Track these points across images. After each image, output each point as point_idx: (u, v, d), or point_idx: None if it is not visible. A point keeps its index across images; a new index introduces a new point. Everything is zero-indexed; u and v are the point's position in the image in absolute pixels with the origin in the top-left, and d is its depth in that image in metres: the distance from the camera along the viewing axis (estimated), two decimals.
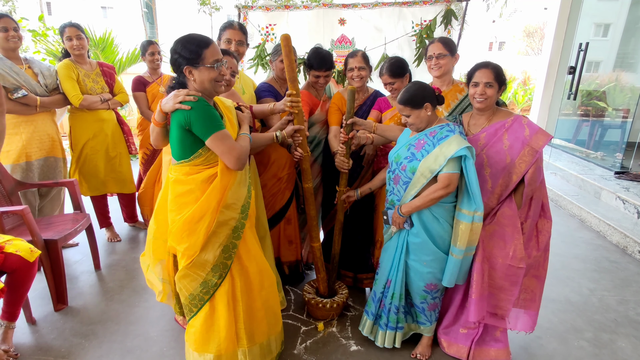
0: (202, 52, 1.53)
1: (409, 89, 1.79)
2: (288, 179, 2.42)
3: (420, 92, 1.76)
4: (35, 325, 2.23)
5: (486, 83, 1.75)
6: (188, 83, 1.59)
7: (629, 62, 5.18)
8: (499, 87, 1.77)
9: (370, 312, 2.08)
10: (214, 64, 1.56)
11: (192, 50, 1.53)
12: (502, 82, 1.78)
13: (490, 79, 1.74)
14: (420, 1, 3.07)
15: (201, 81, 1.56)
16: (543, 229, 1.89)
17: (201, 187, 1.60)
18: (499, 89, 1.78)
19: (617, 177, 4.49)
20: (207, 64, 1.54)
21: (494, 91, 1.76)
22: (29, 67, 2.70)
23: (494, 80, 1.75)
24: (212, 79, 1.57)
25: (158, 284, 1.98)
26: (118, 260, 2.98)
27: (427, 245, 1.83)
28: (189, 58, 1.53)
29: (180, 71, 1.57)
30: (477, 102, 1.81)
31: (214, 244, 1.65)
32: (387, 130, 2.09)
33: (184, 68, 1.55)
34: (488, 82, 1.75)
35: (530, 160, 1.73)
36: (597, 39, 6.35)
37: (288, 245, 2.55)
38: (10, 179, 2.59)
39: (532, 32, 25.57)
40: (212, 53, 1.55)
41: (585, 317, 2.44)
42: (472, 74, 1.81)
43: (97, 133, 2.98)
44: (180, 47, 1.54)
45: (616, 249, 3.39)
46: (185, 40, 1.55)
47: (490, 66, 1.77)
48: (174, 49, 1.56)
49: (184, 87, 1.59)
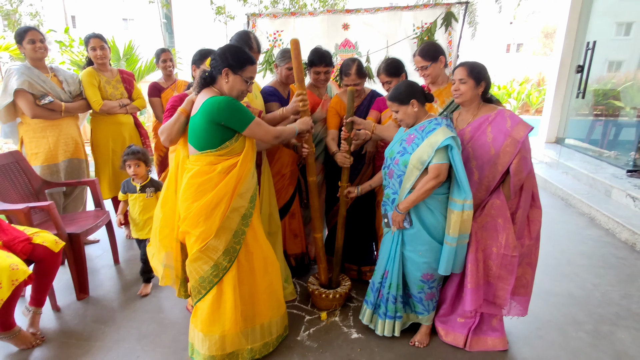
0: (246, 65, 1.77)
1: (397, 87, 1.92)
2: (291, 175, 2.55)
3: (407, 89, 1.88)
4: (60, 312, 2.42)
5: (460, 79, 1.89)
6: (219, 81, 1.79)
7: None
8: (476, 82, 1.87)
9: (370, 302, 2.18)
10: (247, 80, 1.79)
11: (239, 60, 1.75)
12: (478, 78, 1.87)
13: (464, 75, 1.88)
14: (420, 5, 3.18)
15: (232, 87, 1.78)
16: (534, 218, 1.95)
17: (219, 176, 1.77)
18: (477, 85, 1.87)
19: (630, 176, 4.44)
20: (244, 76, 1.77)
21: (468, 87, 1.87)
22: (55, 76, 2.92)
23: (467, 76, 1.87)
24: (241, 90, 1.80)
25: (160, 269, 2.13)
26: (136, 255, 3.16)
27: (421, 235, 1.92)
28: (232, 64, 1.74)
29: (218, 70, 1.76)
30: (454, 97, 1.95)
31: (226, 229, 1.81)
32: (384, 130, 2.21)
33: (225, 69, 1.74)
34: (461, 79, 1.88)
35: (513, 151, 1.80)
36: (619, 38, 6.28)
37: (293, 238, 2.68)
38: (38, 178, 2.80)
39: (551, 33, 25.15)
40: (251, 71, 1.80)
41: (586, 310, 2.46)
42: (453, 73, 1.95)
43: (115, 136, 3.18)
44: (230, 52, 1.76)
45: (624, 245, 3.38)
46: (238, 50, 1.79)
47: (465, 65, 1.90)
48: (223, 51, 1.77)
49: (214, 82, 1.80)
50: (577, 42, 5.91)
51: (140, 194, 2.54)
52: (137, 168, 2.51)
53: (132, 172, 2.50)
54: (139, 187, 2.54)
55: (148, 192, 2.54)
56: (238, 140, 1.80)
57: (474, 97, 1.90)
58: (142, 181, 2.55)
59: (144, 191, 2.55)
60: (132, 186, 2.56)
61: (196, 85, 1.84)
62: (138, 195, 2.54)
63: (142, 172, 2.53)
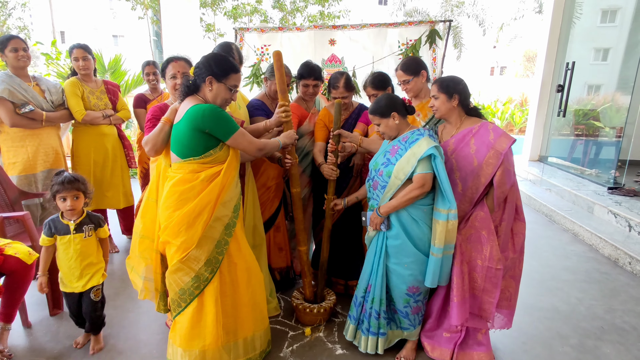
0: (230, 74, 1.76)
1: (378, 100, 1.95)
2: (277, 188, 2.53)
3: (387, 102, 1.91)
4: (31, 329, 2.30)
5: (433, 96, 1.95)
6: (203, 89, 1.77)
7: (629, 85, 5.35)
8: (448, 96, 1.91)
9: (353, 317, 2.13)
10: (231, 88, 1.77)
11: (223, 68, 1.74)
12: (449, 92, 1.90)
13: (435, 92, 1.93)
14: (405, 22, 3.25)
15: (216, 95, 1.76)
16: (518, 231, 1.95)
17: (202, 184, 1.74)
18: (450, 98, 1.91)
19: (611, 193, 4.53)
20: (228, 85, 1.76)
21: (440, 102, 1.93)
22: (37, 85, 2.87)
23: (438, 92, 1.92)
24: (225, 98, 1.79)
25: (139, 282, 2.06)
26: (115, 269, 3.06)
27: (406, 246, 1.90)
28: (216, 72, 1.73)
29: (201, 78, 1.74)
30: (433, 113, 2.01)
31: (209, 239, 1.76)
32: (371, 143, 2.21)
33: (208, 77, 1.73)
34: (433, 95, 1.95)
35: (496, 163, 1.82)
36: (597, 62, 6.54)
37: (278, 252, 2.63)
38: (15, 188, 2.72)
39: (532, 57, 26.06)
40: (235, 79, 1.80)
41: (571, 324, 2.45)
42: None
43: (98, 147, 3.12)
44: (215, 61, 1.75)
45: (607, 261, 3.41)
46: (221, 58, 1.78)
47: (436, 81, 1.97)
48: (207, 59, 1.76)
49: (198, 90, 1.78)
50: (557, 64, 6.12)
51: (75, 234, 1.97)
52: (75, 201, 1.93)
53: (68, 206, 1.92)
54: (73, 226, 1.96)
55: (86, 231, 1.99)
56: (222, 149, 1.78)
57: (450, 110, 1.94)
58: (78, 217, 1.99)
59: (80, 230, 1.98)
60: (64, 225, 1.97)
61: (180, 94, 1.82)
62: (73, 237, 1.96)
63: (79, 206, 1.98)
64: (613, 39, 6.10)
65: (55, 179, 1.94)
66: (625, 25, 5.77)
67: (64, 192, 1.92)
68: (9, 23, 14.63)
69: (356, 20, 14.11)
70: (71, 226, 1.97)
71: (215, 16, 12.49)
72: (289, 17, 12.38)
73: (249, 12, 12.03)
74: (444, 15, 17.16)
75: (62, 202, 1.94)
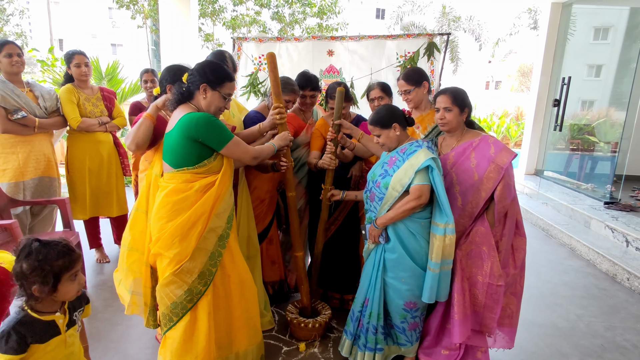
0: (224, 82, 1.73)
1: (378, 111, 1.92)
2: (270, 201, 2.49)
3: (389, 113, 1.88)
4: None
5: (445, 108, 1.86)
6: (196, 97, 1.73)
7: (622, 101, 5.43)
8: (461, 109, 1.86)
9: (349, 332, 2.07)
10: (226, 96, 1.74)
11: (218, 76, 1.71)
12: (462, 105, 1.86)
13: (448, 103, 1.85)
14: (404, 35, 3.26)
15: (210, 103, 1.72)
16: (519, 246, 1.92)
17: (196, 195, 1.69)
18: (462, 112, 1.87)
19: (607, 207, 4.53)
20: (223, 93, 1.73)
21: (453, 114, 1.86)
22: (30, 90, 2.83)
23: (452, 104, 1.85)
24: (219, 106, 1.75)
25: (127, 297, 1.97)
26: (105, 280, 2.98)
27: (404, 260, 1.86)
28: (211, 80, 1.70)
29: (195, 85, 1.71)
30: (440, 126, 1.93)
31: (202, 250, 1.71)
32: (371, 141, 2.14)
33: (202, 84, 1.69)
34: (446, 107, 1.86)
35: (496, 177, 1.79)
36: (590, 78, 6.62)
37: (271, 265, 2.57)
38: (3, 196, 2.65)
39: (527, 72, 26.44)
40: (230, 87, 1.77)
41: (571, 342, 2.41)
42: (435, 100, 1.93)
43: (92, 154, 3.07)
44: (209, 68, 1.72)
45: (605, 276, 3.38)
46: (216, 66, 1.75)
47: (447, 92, 1.88)
48: (202, 66, 1.73)
49: (191, 98, 1.74)
50: (553, 79, 6.17)
51: (68, 330, 1.31)
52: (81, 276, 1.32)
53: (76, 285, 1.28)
54: (63, 320, 1.29)
55: (78, 319, 1.37)
56: (216, 159, 1.74)
57: (459, 123, 1.90)
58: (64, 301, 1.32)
59: (72, 321, 1.33)
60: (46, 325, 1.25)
61: (172, 101, 1.78)
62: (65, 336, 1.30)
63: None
64: (606, 56, 6.20)
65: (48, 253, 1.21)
66: (617, 42, 5.87)
67: (76, 266, 1.27)
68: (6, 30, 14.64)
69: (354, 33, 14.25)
70: (59, 321, 1.27)
71: (215, 26, 12.58)
72: (287, 28, 12.49)
73: (247, 22, 12.14)
74: (441, 29, 17.41)
75: (70, 281, 1.25)
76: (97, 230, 3.30)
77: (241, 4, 12.02)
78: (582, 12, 6.08)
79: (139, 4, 11.84)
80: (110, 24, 27.13)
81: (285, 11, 12.40)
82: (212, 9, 11.81)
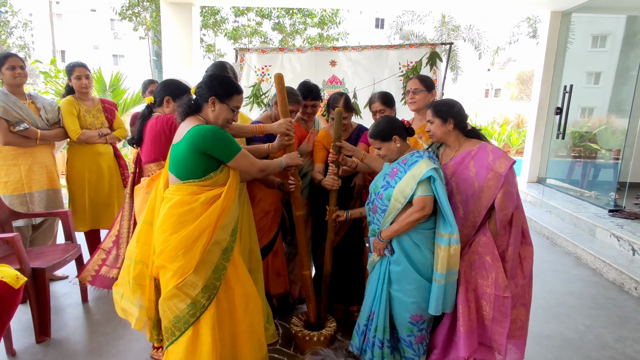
0: (233, 95, 1.75)
1: (377, 123, 1.91)
2: (275, 213, 2.46)
3: (389, 125, 1.87)
4: (15, 357, 2.18)
5: (428, 120, 1.93)
6: (205, 109, 1.74)
7: (621, 108, 5.44)
8: (443, 120, 1.88)
9: (355, 346, 2.03)
10: (234, 109, 1.75)
11: (226, 89, 1.72)
12: (444, 117, 1.88)
13: (430, 116, 1.92)
14: (406, 44, 3.27)
15: (218, 115, 1.73)
16: (526, 255, 1.89)
17: (202, 207, 1.68)
18: (444, 122, 1.88)
19: (611, 215, 4.49)
20: (231, 105, 1.74)
21: (435, 126, 1.90)
22: (32, 102, 2.83)
23: (433, 116, 1.90)
24: (227, 118, 1.75)
25: (134, 310, 1.93)
26: (106, 293, 2.93)
27: (409, 272, 1.83)
28: (220, 93, 1.71)
29: (204, 98, 1.71)
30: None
31: (207, 263, 1.69)
32: (374, 160, 2.15)
33: (211, 97, 1.70)
34: (429, 120, 1.93)
35: (496, 185, 1.77)
36: (589, 86, 6.64)
37: (276, 277, 2.54)
38: (5, 208, 2.63)
39: (526, 80, 26.57)
40: (238, 100, 1.78)
41: (581, 354, 2.36)
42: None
43: (93, 166, 3.05)
44: (218, 81, 1.74)
45: (613, 286, 3.34)
46: (225, 78, 1.77)
47: (430, 105, 1.95)
48: (210, 79, 1.74)
49: (199, 110, 1.75)
50: (554, 86, 6.19)
51: None
52: None
53: None
54: None
55: None
56: (223, 172, 1.73)
57: (446, 134, 1.90)
58: None
59: None
60: None
61: (180, 114, 1.78)
62: None
63: None
64: (604, 64, 6.23)
65: None
66: (615, 50, 5.90)
67: None
68: (10, 42, 14.77)
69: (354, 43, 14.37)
70: None
71: (216, 37, 12.69)
72: (288, 39, 12.60)
73: (249, 33, 12.25)
74: (441, 38, 17.54)
75: None
76: (98, 242, 3.27)
77: (242, 15, 12.15)
78: (581, 21, 6.12)
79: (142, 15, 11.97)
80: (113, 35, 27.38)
81: (286, 22, 12.52)
82: (214, 20, 11.93)
